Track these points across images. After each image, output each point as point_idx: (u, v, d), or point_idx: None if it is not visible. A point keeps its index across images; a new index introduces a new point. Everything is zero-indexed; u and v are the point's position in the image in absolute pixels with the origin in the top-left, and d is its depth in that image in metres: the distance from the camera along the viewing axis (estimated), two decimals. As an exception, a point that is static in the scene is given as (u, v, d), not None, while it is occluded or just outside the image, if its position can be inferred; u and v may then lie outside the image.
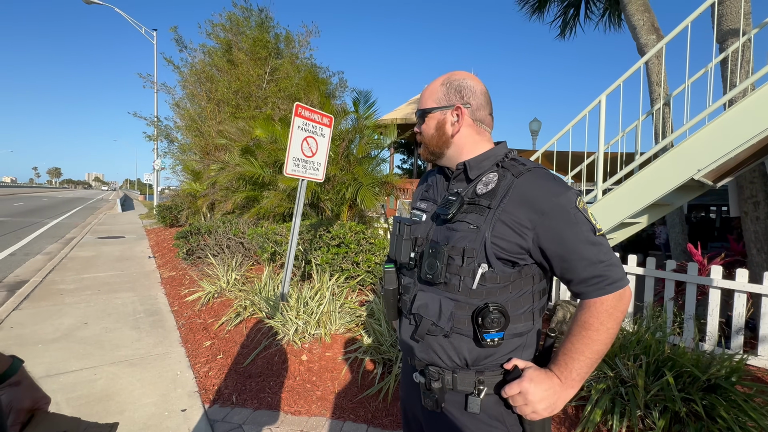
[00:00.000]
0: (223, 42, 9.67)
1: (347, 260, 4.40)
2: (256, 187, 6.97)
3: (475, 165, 1.01)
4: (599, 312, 0.88)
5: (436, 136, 1.04)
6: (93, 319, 4.00)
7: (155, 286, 5.37)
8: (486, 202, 0.93)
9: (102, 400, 2.52)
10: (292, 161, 3.26)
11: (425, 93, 1.08)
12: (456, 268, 0.93)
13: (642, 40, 4.90)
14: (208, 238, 6.13)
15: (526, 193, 0.91)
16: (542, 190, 0.90)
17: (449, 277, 0.94)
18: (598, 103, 3.28)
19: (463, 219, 0.95)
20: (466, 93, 1.02)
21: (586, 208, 0.92)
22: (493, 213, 0.92)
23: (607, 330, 0.88)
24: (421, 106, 1.06)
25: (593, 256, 0.88)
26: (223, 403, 2.54)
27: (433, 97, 1.04)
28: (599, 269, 0.88)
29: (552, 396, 0.89)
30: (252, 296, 3.82)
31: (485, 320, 0.90)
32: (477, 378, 0.95)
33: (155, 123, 11.91)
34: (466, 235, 0.93)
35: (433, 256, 0.95)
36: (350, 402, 2.54)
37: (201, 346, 3.37)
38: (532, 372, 0.91)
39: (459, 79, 1.03)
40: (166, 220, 11.87)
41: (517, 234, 0.90)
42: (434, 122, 1.03)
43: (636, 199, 3.12)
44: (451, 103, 1.02)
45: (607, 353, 2.47)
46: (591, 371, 0.90)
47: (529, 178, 0.93)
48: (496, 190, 0.94)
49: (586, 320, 0.89)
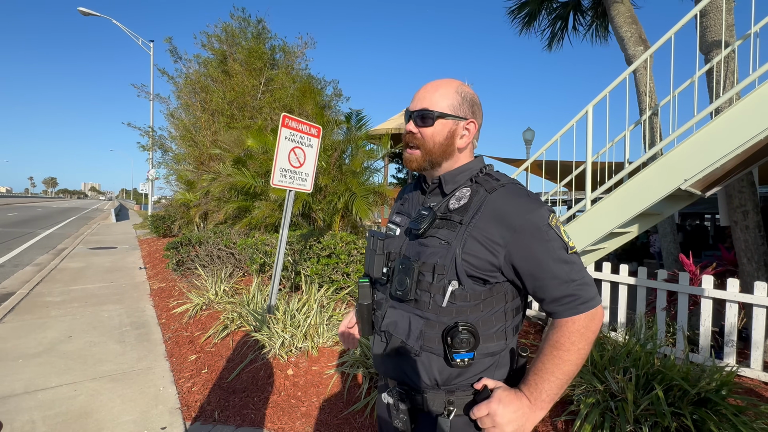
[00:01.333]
0: (218, 53, 9.73)
1: (337, 271, 4.36)
2: (247, 198, 6.94)
3: (451, 179, 0.99)
4: (570, 332, 0.86)
5: (444, 145, 0.97)
6: (78, 333, 3.92)
7: (144, 298, 5.29)
8: (458, 217, 0.91)
9: (80, 418, 2.45)
10: (279, 172, 3.24)
11: (435, 93, 0.97)
12: (426, 285, 0.91)
13: (630, 51, 4.96)
14: (199, 249, 6.07)
15: (499, 209, 0.89)
16: (515, 207, 0.88)
17: (419, 293, 0.92)
18: (585, 114, 3.30)
19: (434, 234, 0.93)
20: (476, 109, 1.00)
21: (559, 225, 0.91)
22: (465, 229, 0.89)
23: (578, 350, 0.86)
24: (428, 105, 0.96)
25: (565, 275, 0.86)
26: (205, 420, 2.47)
27: (446, 101, 0.96)
28: (571, 288, 0.86)
29: (521, 418, 0.85)
30: (240, 308, 3.76)
31: (454, 340, 0.87)
32: (447, 398, 0.92)
33: (150, 133, 11.91)
34: (437, 251, 0.91)
35: (404, 272, 0.92)
36: (335, 418, 2.47)
37: (186, 360, 3.30)
38: (501, 392, 0.87)
39: (471, 93, 1.00)
40: (159, 230, 11.79)
41: (488, 251, 0.88)
42: (446, 130, 0.96)
43: (625, 209, 3.11)
44: (465, 115, 0.98)
45: (597, 366, 2.43)
46: (561, 392, 0.87)
47: (501, 194, 0.91)
48: (469, 205, 0.92)
49: (557, 340, 0.87)
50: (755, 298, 3.00)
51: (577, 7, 7.76)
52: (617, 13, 5.10)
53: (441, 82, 1.00)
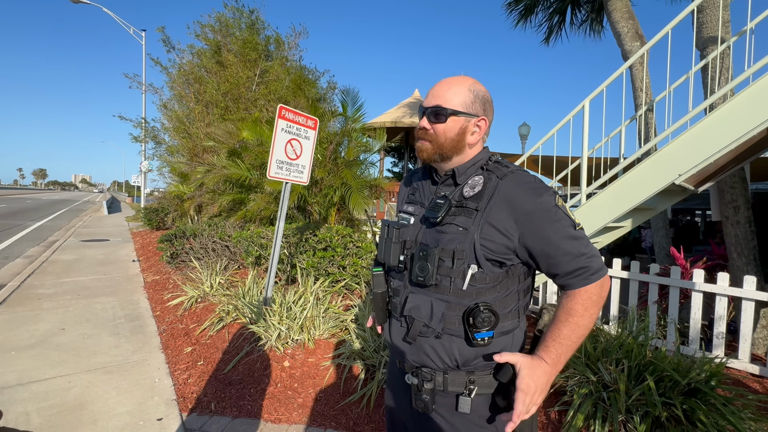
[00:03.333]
0: (212, 43, 9.58)
1: (333, 264, 4.36)
2: (242, 190, 6.89)
3: (463, 171, 1.05)
4: (584, 300, 0.93)
5: (455, 140, 1.01)
6: (71, 325, 3.88)
7: (138, 291, 5.25)
8: (473, 204, 0.96)
9: (75, 410, 2.44)
10: (276, 164, 3.22)
11: (449, 91, 1.01)
12: (446, 270, 0.95)
13: (626, 46, 4.97)
14: (193, 242, 6.02)
15: (510, 194, 0.94)
16: (525, 192, 0.94)
17: (440, 278, 0.96)
18: (581, 108, 3.31)
19: (451, 222, 0.98)
20: (488, 107, 1.05)
21: (564, 205, 0.97)
22: (481, 215, 0.95)
23: (590, 315, 0.93)
24: (442, 102, 1.00)
25: (575, 250, 0.93)
26: (202, 412, 2.48)
27: (459, 99, 1.00)
28: (582, 261, 0.93)
29: (545, 382, 0.91)
30: (235, 301, 3.75)
31: (476, 320, 0.93)
32: (468, 378, 0.97)
33: (142, 124, 11.73)
34: (456, 237, 0.96)
35: (424, 258, 0.96)
36: (332, 409, 2.49)
37: (181, 352, 3.29)
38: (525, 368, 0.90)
39: (483, 90, 1.04)
40: (152, 222, 11.68)
41: (503, 235, 0.93)
42: (458, 126, 1.01)
43: (619, 204, 3.14)
44: (476, 113, 1.02)
45: (590, 357, 2.47)
46: (572, 353, 0.95)
47: (512, 180, 0.96)
48: (483, 192, 0.97)
49: (572, 307, 0.93)
50: (744, 292, 3.06)
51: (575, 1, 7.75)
52: (614, 9, 5.10)
53: (455, 79, 1.04)
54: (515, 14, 8.00)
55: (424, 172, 1.17)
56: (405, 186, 1.24)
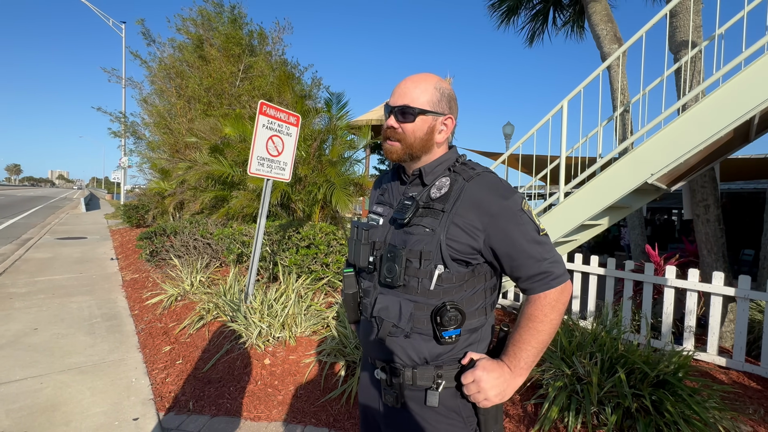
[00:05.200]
0: (194, 37, 9.38)
1: (317, 261, 4.35)
2: (225, 187, 6.79)
3: (430, 170, 1.04)
4: (543, 305, 0.94)
5: (424, 140, 1.01)
6: (44, 325, 3.77)
7: (116, 289, 5.13)
8: (440, 206, 0.97)
9: (46, 411, 2.37)
10: (257, 160, 3.18)
11: (415, 90, 1.00)
12: (414, 271, 0.96)
13: (605, 48, 5.08)
14: (174, 239, 5.91)
15: (477, 196, 0.95)
16: (491, 194, 0.95)
17: (408, 279, 0.97)
18: (560, 109, 3.38)
19: (419, 223, 0.98)
20: (453, 105, 1.05)
21: (530, 209, 0.98)
22: (447, 216, 0.95)
23: (550, 321, 0.94)
24: (409, 102, 0.99)
25: (538, 255, 0.94)
26: (179, 411, 2.45)
27: (426, 97, 0.99)
28: (544, 266, 0.94)
29: (503, 384, 0.94)
30: (216, 299, 3.70)
31: (443, 318, 0.94)
32: (436, 372, 0.98)
33: (121, 119, 11.42)
34: (423, 238, 0.96)
35: (392, 259, 0.97)
36: (312, 406, 2.49)
37: (160, 351, 3.23)
38: (484, 362, 0.96)
39: (449, 88, 1.04)
40: (132, 220, 11.40)
41: (469, 236, 0.94)
42: (426, 125, 1.00)
43: (595, 202, 3.22)
44: (443, 111, 1.02)
45: (565, 351, 2.53)
46: (537, 359, 0.96)
47: (478, 182, 0.97)
48: (449, 194, 0.98)
49: (532, 313, 0.95)
50: (713, 287, 3.18)
51: (558, 4, 7.88)
52: (594, 11, 5.21)
53: (420, 77, 1.03)
54: (498, 15, 8.08)
55: (393, 173, 1.17)
56: (375, 188, 1.25)
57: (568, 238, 3.78)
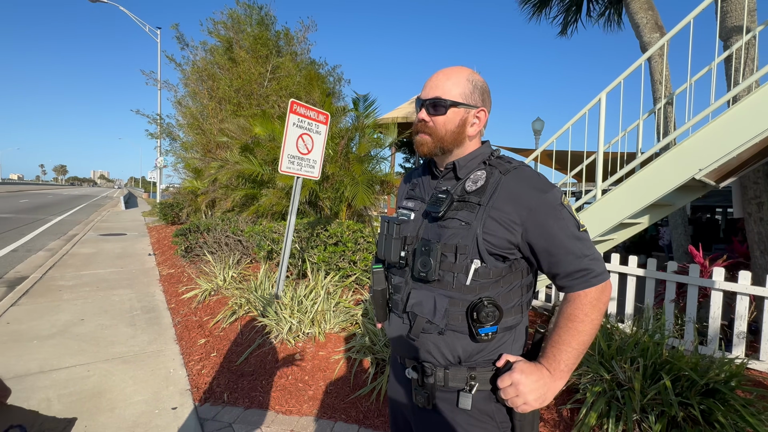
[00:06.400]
0: (225, 40, 9.67)
1: (344, 259, 4.38)
2: (255, 185, 6.97)
3: (464, 164, 1.02)
4: (584, 304, 0.90)
5: (456, 133, 0.99)
6: (90, 316, 4.00)
7: (154, 283, 5.37)
8: (476, 199, 0.94)
9: (93, 397, 2.51)
10: (287, 158, 3.23)
11: (447, 82, 0.98)
12: (449, 265, 0.94)
13: (645, 38, 4.83)
14: (207, 236, 6.12)
15: (514, 189, 0.92)
16: (530, 187, 0.92)
17: (443, 274, 0.94)
18: (598, 101, 3.23)
19: (454, 216, 0.95)
20: (486, 97, 1.02)
21: (569, 204, 0.95)
22: (483, 209, 0.93)
23: (591, 321, 0.90)
24: (441, 94, 0.97)
25: (578, 251, 0.90)
26: (215, 402, 2.52)
27: (458, 89, 0.97)
28: (584, 263, 0.90)
29: (542, 387, 0.90)
30: (248, 294, 3.80)
31: (480, 315, 0.91)
32: (469, 374, 0.96)
33: (158, 121, 11.94)
34: (458, 231, 0.94)
35: (426, 253, 0.95)
36: (342, 402, 2.51)
37: (195, 343, 3.35)
38: (522, 364, 0.92)
39: (481, 81, 1.01)
40: (167, 217, 11.90)
41: (506, 230, 0.91)
42: (458, 118, 0.98)
43: (635, 199, 3.06)
44: (476, 104, 1.00)
45: (604, 355, 2.43)
46: (578, 361, 0.92)
47: (516, 176, 0.94)
48: (485, 187, 0.95)
49: (572, 312, 0.91)
50: (767, 291, 2.96)
51: (592, -8, 7.56)
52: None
53: (453, 70, 1.01)
54: (529, 7, 7.84)
55: (424, 167, 1.15)
56: (405, 183, 1.23)
57: (604, 237, 3.62)
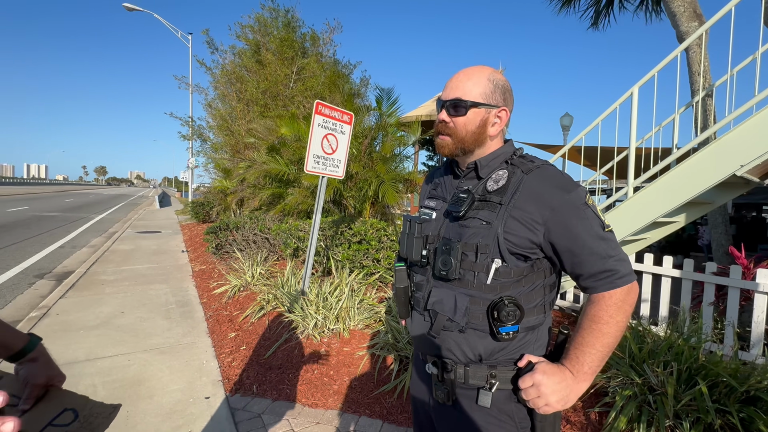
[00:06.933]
0: (252, 43, 9.92)
1: (368, 257, 4.43)
2: (281, 185, 7.14)
3: (486, 163, 1.02)
4: (608, 305, 0.89)
5: (476, 133, 0.99)
6: (129, 309, 4.24)
7: (187, 279, 5.62)
8: (497, 198, 0.94)
9: (134, 385, 2.67)
10: (313, 158, 3.31)
11: (468, 82, 0.98)
12: (470, 264, 0.94)
13: (682, 27, 4.59)
14: (236, 234, 6.34)
15: (536, 189, 0.92)
16: (552, 187, 0.91)
17: (463, 272, 0.95)
18: (629, 96, 3.11)
19: (475, 216, 0.96)
20: (508, 97, 1.02)
21: (594, 204, 0.93)
22: (505, 209, 0.93)
23: (616, 323, 0.88)
24: (461, 95, 0.98)
25: (603, 251, 0.89)
26: (245, 393, 2.63)
27: (479, 90, 0.97)
28: (609, 264, 0.89)
29: (565, 389, 0.89)
30: (275, 290, 3.92)
31: (501, 314, 0.91)
32: (489, 372, 0.96)
33: (189, 123, 12.43)
34: (479, 231, 0.94)
35: (447, 252, 0.95)
36: (366, 397, 2.55)
37: (226, 337, 3.50)
38: (544, 365, 0.92)
39: (503, 80, 1.01)
40: (199, 215, 12.38)
41: (528, 229, 0.91)
42: (479, 118, 0.98)
43: (671, 197, 2.94)
44: (497, 103, 0.99)
45: (635, 359, 2.36)
46: (602, 364, 0.90)
47: (538, 175, 0.94)
48: (507, 186, 0.95)
49: (595, 314, 0.90)
50: (818, 295, 2.77)
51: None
52: (669, -14, 4.73)
53: (473, 69, 1.01)
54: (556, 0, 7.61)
55: (446, 167, 1.15)
56: (426, 183, 1.23)
57: (636, 237, 3.49)
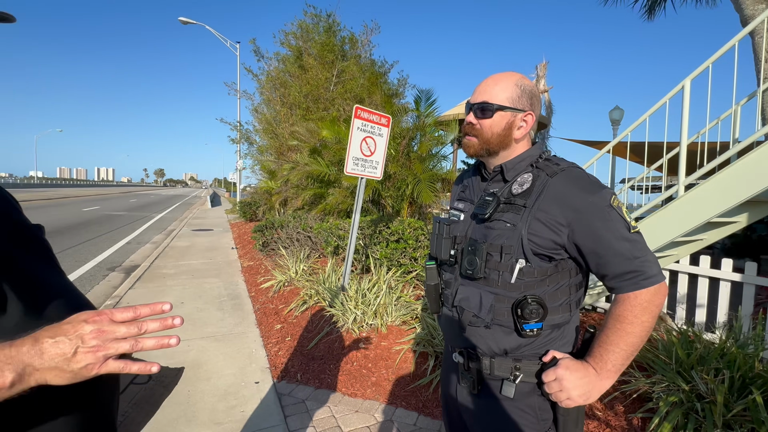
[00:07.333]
0: (294, 49, 10.35)
1: (405, 255, 4.52)
2: (322, 185, 7.42)
3: (512, 167, 1.05)
4: (633, 306, 0.90)
5: (502, 135, 1.03)
6: (188, 300, 4.65)
7: (237, 274, 6.03)
8: (521, 201, 0.98)
9: (194, 368, 2.96)
10: (352, 160, 3.46)
11: (495, 87, 1.03)
12: (495, 264, 0.98)
13: (747, 11, 4.23)
14: (281, 232, 6.69)
15: (560, 191, 0.94)
16: (576, 189, 0.94)
17: (488, 272, 0.99)
18: (680, 89, 2.94)
19: (500, 218, 1.00)
20: (535, 101, 1.05)
21: (621, 206, 0.95)
22: (529, 211, 0.96)
23: (641, 323, 0.90)
24: (488, 98, 1.02)
25: (628, 252, 0.90)
26: (290, 380, 2.83)
27: (506, 94, 1.01)
28: (634, 265, 0.90)
29: (587, 385, 0.92)
30: (317, 286, 4.13)
31: (524, 311, 0.95)
32: (514, 365, 1.00)
33: (237, 127, 13.20)
34: (503, 233, 0.98)
35: (473, 252, 1.00)
36: (403, 390, 2.66)
37: (272, 328, 3.75)
38: (567, 361, 0.95)
39: (530, 85, 1.05)
40: (246, 215, 13.12)
41: (552, 231, 0.94)
42: (504, 121, 1.02)
43: (728, 195, 2.74)
44: (523, 107, 1.03)
45: (683, 364, 2.26)
46: (627, 363, 0.92)
47: (563, 178, 0.96)
48: (531, 189, 0.98)
49: (620, 314, 0.92)
50: None
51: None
52: (732, -33, 4.37)
53: (501, 75, 1.05)
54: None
55: (475, 169, 1.19)
56: (456, 185, 1.28)
57: (690, 238, 3.29)
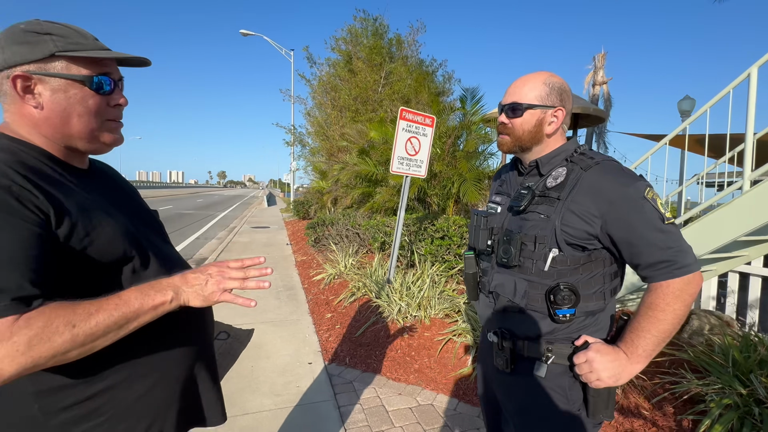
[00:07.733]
0: (344, 54, 10.76)
1: (450, 252, 4.61)
2: (370, 184, 7.69)
3: (547, 161, 1.11)
4: (666, 294, 0.93)
5: (532, 132, 1.08)
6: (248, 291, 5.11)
7: (291, 267, 6.49)
8: (555, 194, 1.03)
9: (256, 348, 3.32)
10: (397, 160, 3.64)
11: (524, 87, 1.08)
12: (529, 253, 1.04)
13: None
14: (331, 229, 7.06)
15: (594, 184, 0.98)
16: (610, 181, 0.98)
17: (522, 260, 1.05)
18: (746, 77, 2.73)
19: (534, 210, 1.05)
20: (564, 97, 1.09)
21: (655, 198, 0.97)
22: (562, 204, 1.01)
23: (673, 311, 0.93)
24: (518, 99, 1.08)
25: (661, 243, 0.94)
26: (339, 363, 3.08)
27: (534, 93, 1.06)
28: (667, 254, 0.93)
29: (617, 368, 0.96)
30: (364, 279, 4.37)
31: (557, 297, 1.01)
32: (546, 347, 1.05)
33: (291, 131, 13.98)
34: (538, 224, 1.04)
35: (508, 242, 1.07)
36: (444, 378, 2.79)
37: (323, 317, 4.05)
38: (598, 345, 1.00)
39: (559, 82, 1.09)
40: (299, 213, 13.86)
41: (585, 222, 0.98)
42: (534, 119, 1.07)
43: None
44: (553, 104, 1.07)
45: (742, 368, 2.16)
46: (658, 349, 0.96)
47: (597, 171, 1.00)
48: (565, 183, 1.03)
49: (652, 301, 0.95)
50: None
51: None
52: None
53: (530, 75, 1.12)
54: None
55: (512, 165, 1.27)
56: (495, 180, 1.37)
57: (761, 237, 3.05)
